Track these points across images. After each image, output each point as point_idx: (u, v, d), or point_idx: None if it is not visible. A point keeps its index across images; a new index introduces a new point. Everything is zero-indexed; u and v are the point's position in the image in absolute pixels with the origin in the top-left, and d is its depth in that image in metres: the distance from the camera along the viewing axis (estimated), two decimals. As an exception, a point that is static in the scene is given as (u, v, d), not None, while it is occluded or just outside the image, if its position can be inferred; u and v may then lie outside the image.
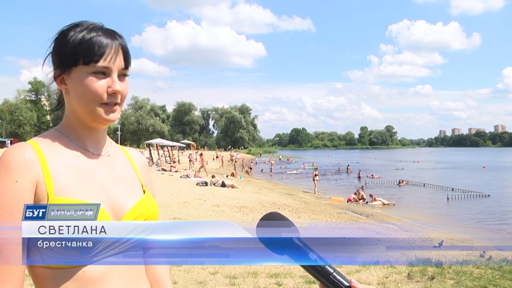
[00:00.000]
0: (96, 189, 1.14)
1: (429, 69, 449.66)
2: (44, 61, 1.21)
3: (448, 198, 22.89)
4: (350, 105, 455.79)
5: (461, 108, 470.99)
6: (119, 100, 1.18)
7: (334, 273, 0.98)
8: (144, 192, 1.30)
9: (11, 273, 0.99)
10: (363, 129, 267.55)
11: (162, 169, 30.05)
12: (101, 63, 1.13)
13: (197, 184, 19.74)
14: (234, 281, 5.45)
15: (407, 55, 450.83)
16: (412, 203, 22.03)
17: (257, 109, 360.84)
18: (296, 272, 5.72)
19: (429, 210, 20.10)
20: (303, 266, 0.99)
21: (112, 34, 1.19)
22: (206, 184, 19.93)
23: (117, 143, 1.40)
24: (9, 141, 63.13)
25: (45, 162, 1.09)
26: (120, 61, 1.18)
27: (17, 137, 75.91)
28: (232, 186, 20.35)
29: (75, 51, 1.13)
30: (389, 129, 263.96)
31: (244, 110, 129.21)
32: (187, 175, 24.82)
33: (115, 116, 1.19)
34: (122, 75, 1.19)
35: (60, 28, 1.19)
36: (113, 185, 1.20)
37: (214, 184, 20.32)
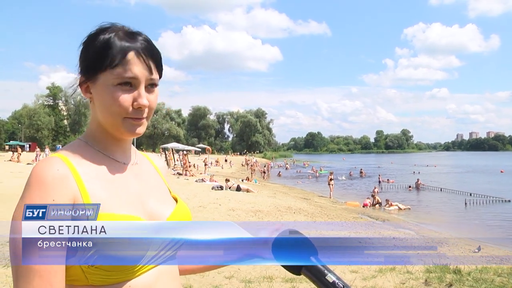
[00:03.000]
0: (134, 201, 1.12)
1: (445, 72, 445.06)
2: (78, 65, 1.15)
3: (466, 203, 22.55)
4: (365, 109, 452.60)
5: (479, 112, 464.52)
6: (145, 114, 1.11)
7: None
8: (175, 199, 1.28)
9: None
10: (378, 133, 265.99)
11: (177, 173, 30.23)
12: (126, 74, 1.06)
13: (212, 188, 19.78)
14: (249, 285, 5.43)
15: (423, 58, 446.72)
16: (429, 208, 21.76)
17: (272, 113, 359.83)
18: (312, 277, 5.68)
19: (447, 215, 19.82)
20: None
21: (138, 39, 1.11)
22: (221, 188, 19.96)
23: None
24: (27, 145, 64.04)
25: (79, 177, 1.03)
26: (148, 70, 1.10)
27: (35, 141, 77.09)
28: (247, 190, 20.35)
29: (98, 58, 1.08)
30: (405, 133, 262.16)
31: (259, 114, 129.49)
32: (202, 179, 24.89)
33: (141, 130, 1.12)
34: (150, 86, 1.12)
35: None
36: (147, 196, 1.18)
37: (229, 188, 20.35)
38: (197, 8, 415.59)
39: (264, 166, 49.41)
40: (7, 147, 69.04)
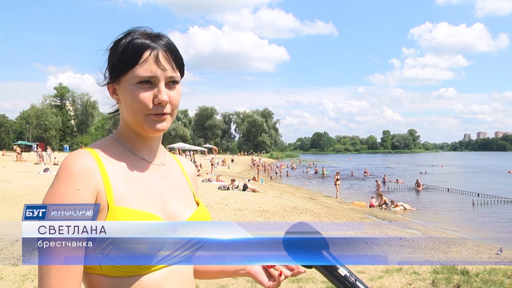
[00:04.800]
0: (154, 200, 1.15)
1: (452, 71, 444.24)
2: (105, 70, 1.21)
3: (473, 204, 22.39)
4: (372, 109, 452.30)
5: (486, 111, 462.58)
6: (168, 110, 1.15)
7: None
8: (197, 203, 1.30)
9: (72, 281, 0.98)
10: (385, 133, 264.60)
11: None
12: (145, 73, 1.11)
13: (219, 188, 19.80)
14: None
15: (429, 58, 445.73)
16: (436, 209, 21.61)
17: (278, 113, 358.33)
18: (318, 277, 5.67)
19: (454, 215, 19.68)
20: (332, 281, 0.96)
21: (156, 40, 1.16)
22: (227, 188, 19.98)
23: None
24: (35, 145, 64.38)
25: (105, 171, 1.09)
26: (167, 68, 1.14)
27: (43, 141, 77.46)
28: (254, 190, 20.33)
29: (120, 60, 1.13)
30: (412, 133, 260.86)
31: (266, 114, 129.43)
32: (209, 179, 24.91)
33: (164, 126, 1.16)
34: (171, 83, 1.16)
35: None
36: (169, 196, 1.20)
37: (237, 187, 20.34)
38: (204, 8, 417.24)
39: (277, 167, 49.84)
40: (15, 147, 69.50)
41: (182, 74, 1.20)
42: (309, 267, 1.00)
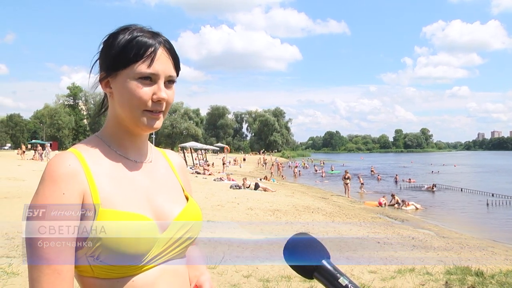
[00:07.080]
0: (141, 199, 1.14)
1: (466, 70, 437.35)
2: (94, 63, 1.20)
3: (488, 204, 22.13)
4: (384, 108, 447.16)
5: (501, 110, 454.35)
6: (163, 108, 1.15)
7: None
8: (187, 198, 1.29)
9: (62, 284, 0.98)
10: (397, 132, 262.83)
11: (196, 172, 30.38)
12: (147, 69, 1.11)
13: (230, 187, 19.85)
14: (267, 284, 5.42)
15: (442, 56, 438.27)
16: (448, 208, 21.40)
17: (290, 112, 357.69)
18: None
19: (467, 216, 19.47)
20: None
21: (158, 38, 1.16)
22: (239, 187, 20.02)
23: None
24: (49, 144, 65.22)
25: (90, 173, 1.07)
26: (167, 67, 1.15)
27: (56, 140, 78.33)
28: (265, 189, 20.34)
29: (121, 54, 1.12)
30: (424, 132, 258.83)
31: (277, 113, 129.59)
32: (220, 178, 24.97)
33: (159, 124, 1.16)
34: (168, 82, 1.16)
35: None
36: (157, 194, 1.19)
37: (248, 186, 20.37)
38: (216, 8, 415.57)
39: (296, 167, 49.87)
40: (29, 146, 70.31)
41: (177, 74, 1.20)
42: (310, 278, 1.00)
